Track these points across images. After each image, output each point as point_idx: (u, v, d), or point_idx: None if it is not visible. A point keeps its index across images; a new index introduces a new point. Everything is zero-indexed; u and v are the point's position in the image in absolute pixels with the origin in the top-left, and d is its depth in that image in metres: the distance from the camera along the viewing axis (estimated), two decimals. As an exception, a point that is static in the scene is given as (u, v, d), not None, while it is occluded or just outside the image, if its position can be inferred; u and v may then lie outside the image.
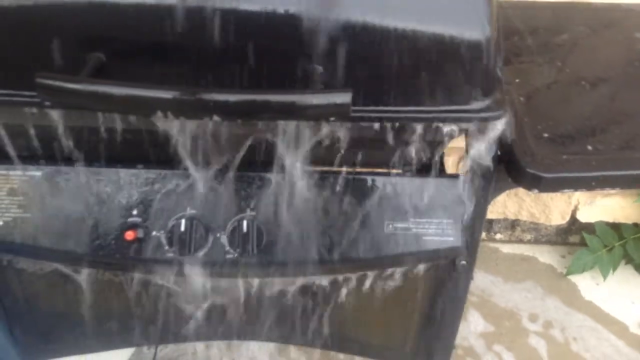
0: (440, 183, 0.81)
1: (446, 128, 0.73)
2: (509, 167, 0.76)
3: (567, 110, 0.82)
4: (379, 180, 0.80)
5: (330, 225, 0.80)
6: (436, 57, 0.67)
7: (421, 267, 0.86)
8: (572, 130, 0.80)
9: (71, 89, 0.61)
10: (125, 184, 0.79)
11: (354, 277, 0.87)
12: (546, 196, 1.54)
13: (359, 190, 0.80)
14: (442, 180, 0.81)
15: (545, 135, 0.77)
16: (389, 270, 0.86)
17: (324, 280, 0.87)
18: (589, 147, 0.76)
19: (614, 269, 1.60)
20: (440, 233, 0.81)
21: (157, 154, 0.78)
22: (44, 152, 0.79)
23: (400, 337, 0.99)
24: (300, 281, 0.88)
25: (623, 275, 1.65)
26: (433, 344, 0.97)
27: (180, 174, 0.79)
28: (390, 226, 0.81)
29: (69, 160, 0.79)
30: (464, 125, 0.72)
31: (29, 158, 0.79)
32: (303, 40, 0.65)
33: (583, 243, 1.62)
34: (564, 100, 0.84)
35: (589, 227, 1.62)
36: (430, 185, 0.81)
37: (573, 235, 1.71)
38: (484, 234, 1.72)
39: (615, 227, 1.60)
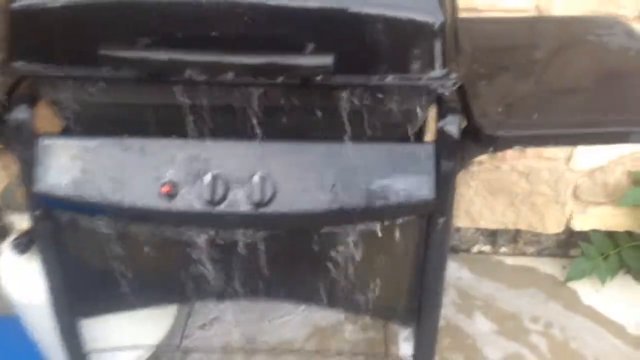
0: (415, 145, 0.99)
1: (414, 94, 0.92)
2: (471, 132, 0.94)
3: (520, 90, 1.02)
4: (362, 144, 0.99)
5: (327, 182, 0.98)
6: (398, 33, 0.87)
7: (403, 221, 1.03)
8: (522, 105, 0.98)
9: (138, 56, 0.84)
10: (162, 151, 1.00)
11: (343, 231, 1.04)
12: (540, 205, 1.68)
13: (353, 154, 0.99)
14: (417, 142, 1.00)
15: (499, 109, 0.96)
16: (375, 224, 1.03)
17: (322, 233, 1.04)
18: (535, 116, 0.94)
19: (612, 276, 1.71)
20: (416, 188, 0.98)
21: (188, 125, 0.98)
22: (98, 125, 1.00)
23: (390, 294, 1.14)
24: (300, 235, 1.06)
25: (622, 283, 1.76)
26: (421, 299, 1.11)
27: (201, 141, 0.99)
28: (374, 182, 0.98)
29: (118, 132, 1.00)
30: (426, 91, 0.92)
31: (85, 130, 1.01)
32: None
33: (583, 254, 1.74)
34: (517, 81, 1.03)
35: (588, 238, 1.74)
36: (407, 146, 0.99)
37: (574, 249, 1.83)
38: (489, 248, 1.86)
39: (611, 235, 1.72)
